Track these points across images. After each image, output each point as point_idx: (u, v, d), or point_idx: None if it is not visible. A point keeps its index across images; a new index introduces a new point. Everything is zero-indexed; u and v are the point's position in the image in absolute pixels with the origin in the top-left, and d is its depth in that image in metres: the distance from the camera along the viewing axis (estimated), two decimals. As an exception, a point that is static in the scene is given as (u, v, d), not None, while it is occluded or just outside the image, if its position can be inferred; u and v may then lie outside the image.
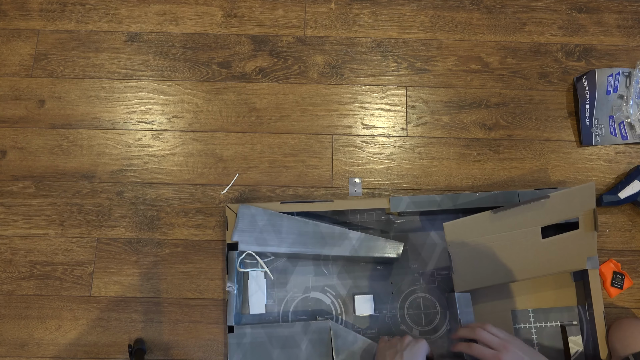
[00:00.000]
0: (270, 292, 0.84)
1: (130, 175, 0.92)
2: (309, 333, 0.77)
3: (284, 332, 0.77)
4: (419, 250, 0.86)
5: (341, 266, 0.85)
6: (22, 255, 0.89)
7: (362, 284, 0.85)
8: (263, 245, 0.81)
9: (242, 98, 0.96)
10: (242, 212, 0.82)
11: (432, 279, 0.85)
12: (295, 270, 0.85)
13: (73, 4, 1.01)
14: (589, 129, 0.93)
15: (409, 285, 0.85)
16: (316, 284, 0.84)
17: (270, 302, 0.84)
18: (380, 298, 0.84)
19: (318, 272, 0.85)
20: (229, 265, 0.80)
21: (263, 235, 0.81)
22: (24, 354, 0.85)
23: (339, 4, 1.01)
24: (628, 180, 0.89)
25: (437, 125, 0.95)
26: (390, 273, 0.85)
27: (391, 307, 0.84)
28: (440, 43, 0.99)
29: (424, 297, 0.84)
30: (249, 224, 0.81)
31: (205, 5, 1.01)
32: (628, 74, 0.95)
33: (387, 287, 0.85)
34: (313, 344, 0.76)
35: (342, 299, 0.84)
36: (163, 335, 0.85)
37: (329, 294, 0.84)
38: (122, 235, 0.89)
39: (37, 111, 0.95)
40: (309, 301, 0.84)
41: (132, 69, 0.97)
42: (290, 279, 0.85)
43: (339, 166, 0.93)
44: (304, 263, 0.85)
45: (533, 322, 0.83)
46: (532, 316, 0.83)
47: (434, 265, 0.85)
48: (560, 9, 1.01)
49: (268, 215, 0.81)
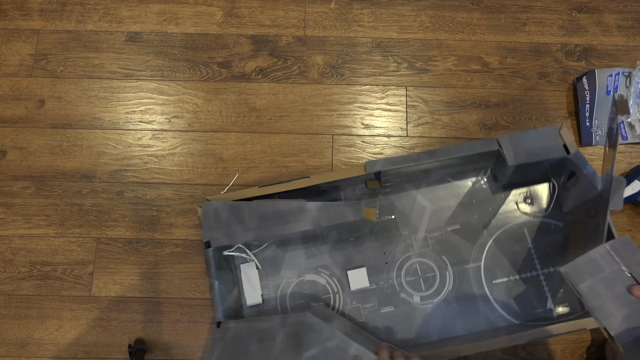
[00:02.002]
0: (265, 282, 0.84)
1: (130, 175, 0.92)
2: (287, 326, 0.75)
3: (264, 325, 0.76)
4: (408, 216, 0.85)
5: (331, 244, 0.85)
6: (22, 255, 0.89)
7: (355, 258, 0.84)
8: (232, 239, 0.79)
9: (242, 98, 0.96)
10: (205, 209, 0.79)
11: (426, 243, 0.84)
12: (287, 256, 0.85)
13: (73, 4, 1.01)
14: (589, 129, 0.93)
15: (403, 252, 0.84)
16: (309, 266, 0.84)
17: (267, 292, 0.83)
18: (375, 270, 0.83)
19: (309, 253, 0.85)
20: (207, 263, 0.79)
21: (229, 228, 0.79)
22: (24, 354, 0.85)
23: (339, 4, 1.01)
24: (628, 181, 0.89)
25: (437, 125, 0.95)
26: (381, 244, 0.84)
27: (388, 277, 0.83)
28: (440, 43, 0.99)
29: (420, 262, 0.84)
30: (214, 220, 0.79)
31: (205, 5, 1.01)
32: (628, 74, 0.95)
33: (380, 258, 0.84)
34: (288, 337, 0.75)
35: (336, 277, 0.84)
36: (163, 335, 0.85)
37: (322, 274, 0.84)
38: (122, 235, 0.89)
39: (37, 111, 0.95)
40: (304, 284, 0.84)
41: (132, 69, 0.98)
42: (282, 265, 0.84)
43: (339, 166, 0.93)
44: (293, 247, 0.85)
45: (540, 269, 0.82)
46: (538, 262, 0.82)
47: (425, 228, 0.85)
48: (560, 9, 1.01)
49: (228, 207, 0.79)
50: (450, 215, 0.85)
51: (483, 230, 0.84)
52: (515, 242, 0.84)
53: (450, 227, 0.85)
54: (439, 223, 0.85)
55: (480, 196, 0.86)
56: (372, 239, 0.85)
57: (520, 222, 0.85)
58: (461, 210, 0.85)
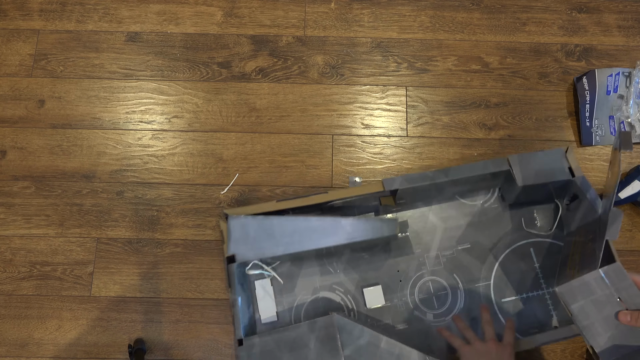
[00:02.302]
0: (280, 299, 0.84)
1: (130, 175, 0.92)
2: (316, 331, 0.76)
3: (291, 334, 0.76)
4: (421, 235, 0.86)
5: (346, 262, 0.85)
6: (22, 255, 0.89)
7: (369, 276, 0.84)
8: (260, 253, 0.79)
9: (242, 98, 0.96)
10: (233, 223, 0.78)
11: (438, 261, 0.85)
12: (301, 273, 0.85)
13: (73, 4, 1.01)
14: (589, 129, 0.93)
15: (416, 270, 0.85)
16: (324, 284, 0.84)
17: (281, 309, 0.83)
18: (389, 288, 0.84)
19: (324, 271, 0.85)
20: (230, 278, 0.78)
21: (258, 243, 0.79)
22: (24, 354, 0.85)
23: (339, 4, 1.01)
24: (628, 181, 0.89)
25: (437, 125, 0.95)
26: (395, 262, 0.85)
27: (401, 295, 0.84)
28: (440, 43, 0.99)
29: (432, 281, 0.84)
30: (241, 235, 0.79)
31: (205, 5, 1.01)
32: (628, 74, 0.95)
33: (394, 275, 0.85)
34: (321, 341, 0.75)
35: (351, 294, 0.84)
36: (163, 335, 0.85)
37: (337, 291, 0.84)
38: (122, 235, 0.89)
39: (37, 111, 0.95)
40: (318, 302, 0.83)
41: (132, 69, 0.97)
42: (297, 282, 0.84)
43: (339, 166, 0.93)
44: (308, 265, 0.85)
45: (545, 288, 0.84)
46: (544, 282, 0.84)
47: (437, 247, 0.86)
48: (560, 9, 1.01)
49: (258, 221, 0.79)
50: (460, 235, 0.86)
51: (492, 249, 0.86)
52: (522, 261, 0.85)
53: (461, 245, 0.86)
54: (450, 242, 0.86)
55: (488, 215, 0.87)
56: (386, 256, 0.85)
57: (526, 241, 0.86)
58: (471, 229, 0.86)
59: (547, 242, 0.86)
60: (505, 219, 0.87)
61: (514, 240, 0.86)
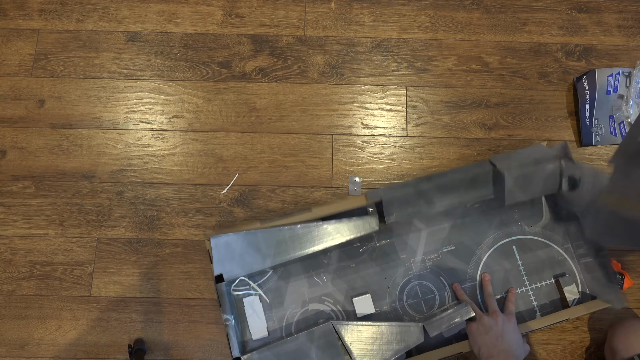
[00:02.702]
0: (269, 314, 0.83)
1: (130, 175, 0.92)
2: (315, 340, 0.76)
3: (290, 347, 0.76)
4: (405, 240, 0.86)
5: (333, 272, 0.85)
6: (22, 255, 0.89)
7: (358, 284, 0.84)
8: (247, 268, 0.79)
9: (242, 98, 0.96)
10: (215, 243, 0.78)
11: (424, 265, 0.85)
12: (289, 287, 0.84)
13: (73, 4, 1.01)
14: (589, 129, 0.93)
15: (403, 276, 0.85)
16: (312, 296, 0.84)
17: (271, 324, 0.82)
18: (377, 295, 0.84)
19: (312, 283, 0.85)
20: (220, 298, 0.78)
21: (244, 259, 0.79)
22: (24, 354, 0.85)
23: (339, 4, 1.01)
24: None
25: (437, 125, 0.95)
26: (382, 268, 0.85)
27: (390, 302, 0.84)
28: (440, 43, 0.99)
29: (419, 285, 0.85)
30: (226, 253, 0.78)
31: (205, 5, 1.01)
32: (628, 74, 0.95)
33: (382, 282, 0.85)
34: (322, 349, 0.76)
35: (340, 304, 0.84)
36: (163, 335, 0.85)
37: (327, 302, 0.84)
38: (122, 235, 0.89)
39: (37, 111, 0.95)
40: (308, 314, 0.83)
41: (132, 68, 0.97)
42: (286, 296, 0.84)
43: (339, 166, 0.93)
44: (295, 278, 0.84)
45: (529, 285, 0.85)
46: (527, 279, 0.85)
47: (423, 251, 0.86)
48: (560, 8, 1.01)
49: (242, 237, 0.79)
50: (445, 237, 0.87)
51: (476, 250, 0.86)
52: (505, 260, 0.86)
53: (446, 248, 0.86)
54: (435, 245, 0.86)
55: (472, 216, 0.87)
56: (373, 264, 0.85)
57: (509, 239, 0.87)
58: (455, 231, 0.87)
59: (528, 239, 0.87)
60: (487, 219, 0.87)
61: (497, 240, 0.87)
